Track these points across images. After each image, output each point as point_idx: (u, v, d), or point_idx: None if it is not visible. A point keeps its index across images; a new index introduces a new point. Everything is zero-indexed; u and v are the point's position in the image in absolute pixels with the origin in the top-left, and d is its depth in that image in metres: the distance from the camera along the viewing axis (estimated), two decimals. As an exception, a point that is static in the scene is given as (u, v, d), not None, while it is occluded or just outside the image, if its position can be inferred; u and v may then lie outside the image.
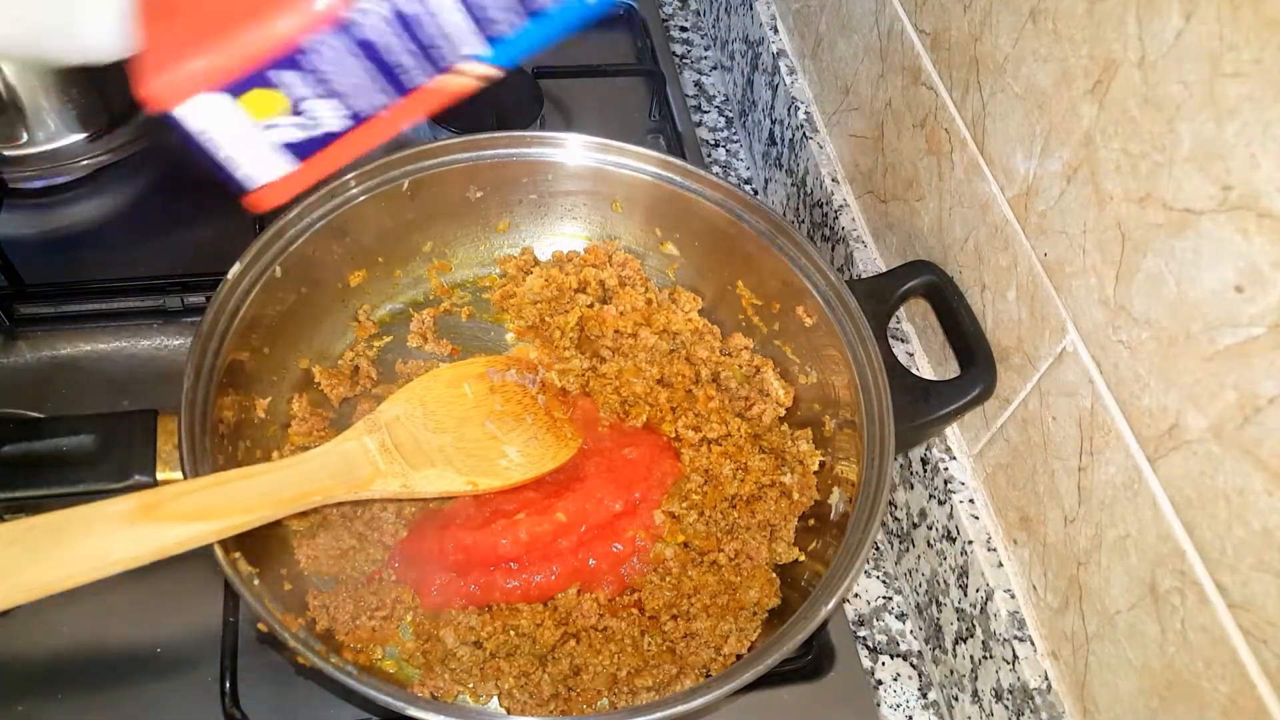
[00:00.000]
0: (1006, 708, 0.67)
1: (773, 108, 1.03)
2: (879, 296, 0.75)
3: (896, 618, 0.80)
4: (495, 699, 0.67)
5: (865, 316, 0.73)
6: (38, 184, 0.90)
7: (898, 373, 0.71)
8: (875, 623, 0.79)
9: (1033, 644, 0.67)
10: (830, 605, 0.61)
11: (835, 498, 0.74)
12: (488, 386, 0.77)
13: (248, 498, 0.59)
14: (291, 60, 0.48)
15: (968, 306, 0.72)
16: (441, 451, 0.70)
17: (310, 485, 0.62)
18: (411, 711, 0.56)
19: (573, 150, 0.83)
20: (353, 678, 0.56)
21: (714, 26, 1.20)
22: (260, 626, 0.58)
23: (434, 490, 0.68)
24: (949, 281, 0.74)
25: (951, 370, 0.74)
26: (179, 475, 0.62)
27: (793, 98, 0.98)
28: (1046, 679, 0.65)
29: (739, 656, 0.68)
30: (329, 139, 0.52)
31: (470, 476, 0.70)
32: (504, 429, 0.74)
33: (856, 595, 0.81)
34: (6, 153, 0.79)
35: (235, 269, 0.71)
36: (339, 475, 0.64)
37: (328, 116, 0.51)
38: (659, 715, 0.57)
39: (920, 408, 0.70)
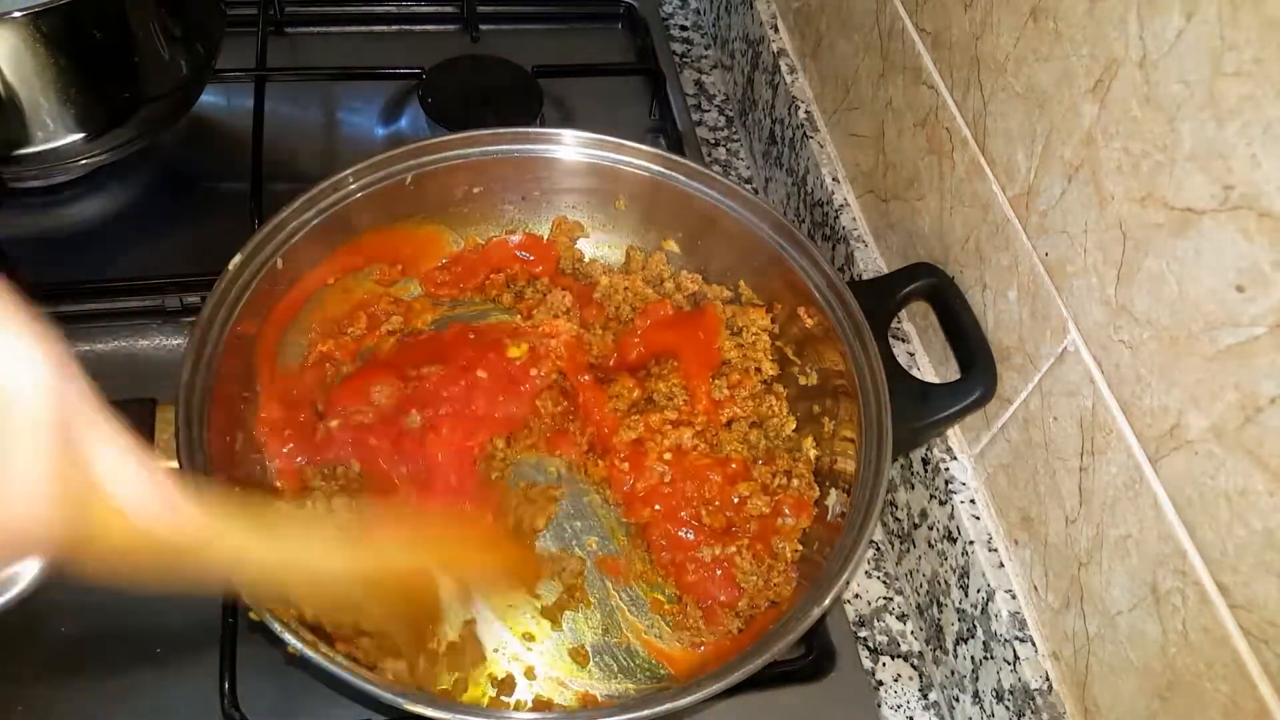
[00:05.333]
0: (1008, 708, 0.67)
1: (773, 107, 1.03)
2: (880, 299, 0.75)
3: (897, 618, 0.80)
4: None
5: (866, 318, 0.73)
6: (36, 183, 0.90)
7: (898, 375, 0.71)
8: (876, 623, 0.79)
9: (1034, 644, 0.67)
10: (823, 605, 0.61)
11: (833, 499, 0.73)
12: None
13: None
14: None
15: (969, 310, 0.72)
16: None
17: None
18: (407, 705, 0.56)
19: (575, 147, 0.83)
20: (340, 667, 0.56)
21: (714, 25, 1.20)
22: (251, 615, 0.57)
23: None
24: (950, 284, 0.74)
25: (954, 369, 0.74)
26: (175, 465, 0.62)
27: (793, 97, 0.98)
28: (1047, 679, 0.65)
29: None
30: None
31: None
32: None
33: (857, 596, 0.81)
34: (4, 152, 0.79)
35: (236, 260, 0.71)
36: None
37: None
38: (648, 712, 0.57)
39: (919, 411, 0.70)
